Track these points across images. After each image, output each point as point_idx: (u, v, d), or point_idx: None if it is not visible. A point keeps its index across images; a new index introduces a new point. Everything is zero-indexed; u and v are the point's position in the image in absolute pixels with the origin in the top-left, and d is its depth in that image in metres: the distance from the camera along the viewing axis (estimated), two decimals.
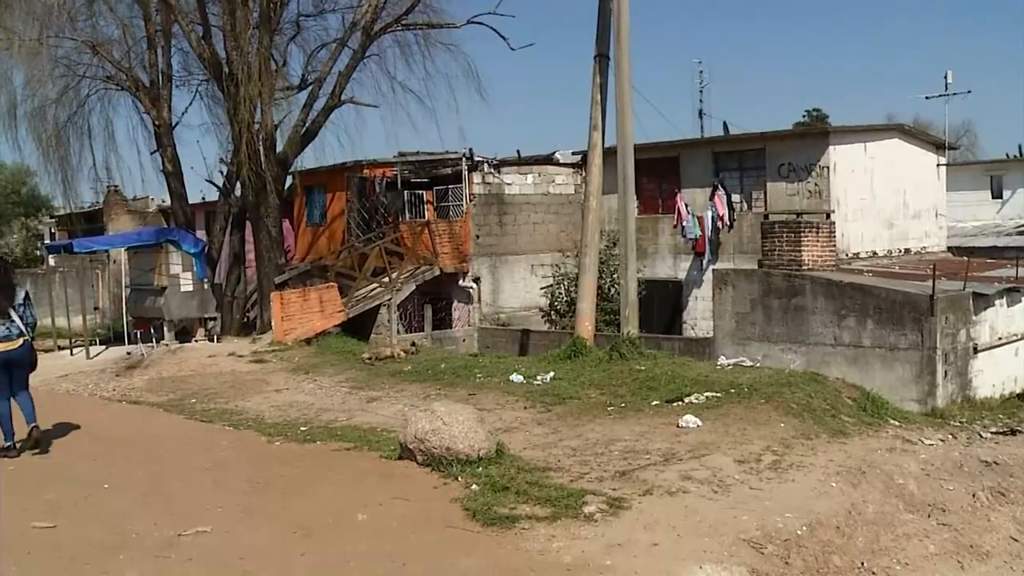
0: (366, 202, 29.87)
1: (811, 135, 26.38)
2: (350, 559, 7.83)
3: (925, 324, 16.27)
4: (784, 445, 11.76)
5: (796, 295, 17.58)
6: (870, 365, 16.78)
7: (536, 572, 7.52)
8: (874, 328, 16.77)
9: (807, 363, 17.21)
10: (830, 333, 17.17)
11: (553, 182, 29.62)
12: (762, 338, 17.97)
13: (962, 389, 17.17)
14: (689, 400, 14.07)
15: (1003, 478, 12.01)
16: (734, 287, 18.45)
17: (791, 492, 10.01)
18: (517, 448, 11.57)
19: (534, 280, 28.16)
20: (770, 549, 8.46)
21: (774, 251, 18.50)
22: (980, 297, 17.79)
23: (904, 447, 12.71)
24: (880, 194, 25.01)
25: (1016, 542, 10.40)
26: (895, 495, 10.64)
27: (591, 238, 19.82)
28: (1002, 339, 18.60)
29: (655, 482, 9.99)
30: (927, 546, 9.67)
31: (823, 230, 19.07)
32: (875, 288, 17.14)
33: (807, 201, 23.13)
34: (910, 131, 28.58)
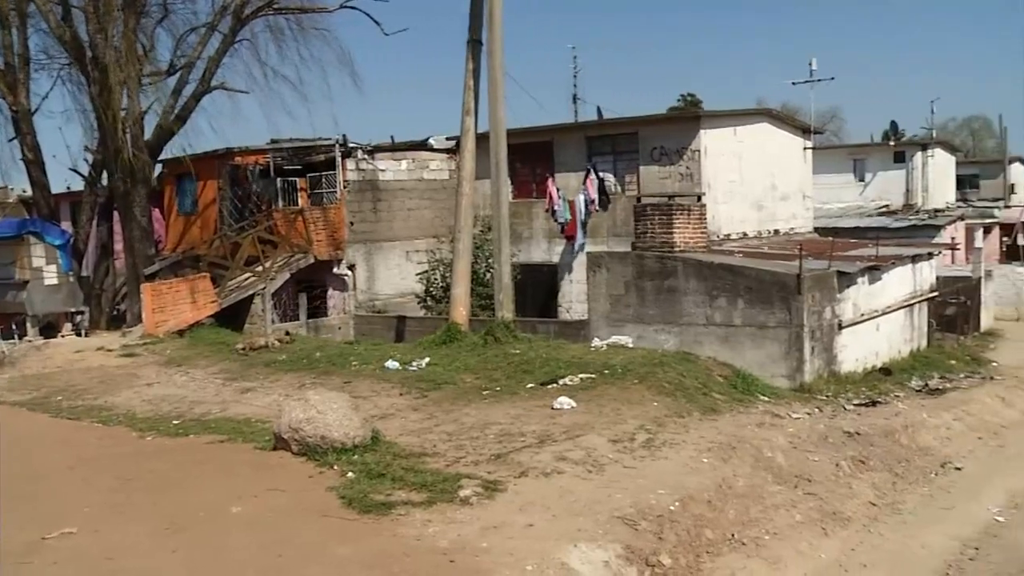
0: (239, 190, 29.29)
1: (682, 119, 26.80)
2: (224, 553, 7.72)
3: (793, 303, 16.68)
4: (657, 424, 11.99)
5: (669, 277, 17.85)
6: (741, 344, 17.15)
7: (412, 557, 7.54)
8: (744, 307, 17.13)
9: (680, 343, 17.51)
10: (702, 313, 17.48)
11: (427, 168, 29.52)
12: (636, 319, 18.20)
13: (828, 364, 17.69)
14: (564, 382, 14.22)
15: (864, 447, 12.51)
16: (608, 270, 18.63)
17: (664, 469, 10.23)
18: (393, 435, 11.55)
19: (409, 266, 28.02)
20: (644, 525, 8.64)
21: (647, 233, 18.72)
22: (844, 276, 18.33)
23: (773, 422, 13.10)
24: (749, 177, 25.52)
25: (874, 506, 10.86)
26: (764, 468, 10.97)
27: (464, 223, 19.84)
28: (864, 315, 19.22)
29: (530, 464, 10.08)
30: (794, 515, 10.02)
31: (694, 212, 19.36)
32: (745, 269, 17.50)
33: (679, 184, 23.45)
34: (778, 116, 29.22)
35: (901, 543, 9.74)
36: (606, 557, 7.93)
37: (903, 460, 12.81)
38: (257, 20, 26.71)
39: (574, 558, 7.75)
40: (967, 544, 9.70)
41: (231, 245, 26.74)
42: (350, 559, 7.53)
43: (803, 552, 9.24)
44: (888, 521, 10.47)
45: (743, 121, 25.62)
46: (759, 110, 29.23)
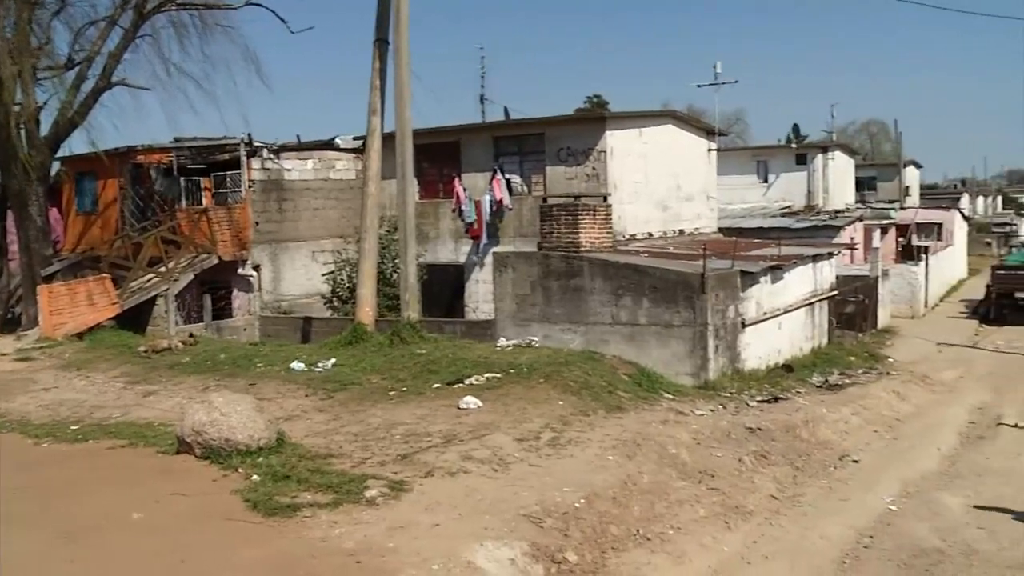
0: (141, 189, 28.72)
1: (589, 121, 26.97)
2: (124, 561, 7.56)
3: (697, 302, 16.92)
4: (563, 422, 12.08)
5: (575, 276, 17.98)
6: (646, 342, 17.34)
7: (318, 559, 7.49)
8: (650, 307, 17.33)
9: (586, 342, 17.66)
10: (608, 312, 17.64)
11: (334, 168, 29.29)
12: (542, 319, 18.30)
13: (732, 362, 17.99)
14: (470, 382, 14.25)
15: (766, 442, 12.78)
16: (514, 269, 18.70)
17: (569, 467, 10.32)
18: (299, 436, 11.45)
19: (316, 267, 27.75)
20: (549, 523, 8.70)
21: (553, 233, 18.83)
22: (747, 275, 18.65)
23: (677, 419, 13.29)
24: (655, 178, 25.82)
25: (776, 500, 11.09)
26: (668, 464, 11.13)
27: (370, 223, 19.74)
28: (767, 314, 19.60)
29: (436, 464, 10.08)
30: (698, 510, 10.18)
31: (600, 212, 19.52)
32: (650, 268, 17.70)
33: (585, 185, 23.62)
34: (683, 117, 29.61)
35: (801, 534, 9.96)
36: (512, 555, 7.97)
37: (803, 454, 13.11)
38: (159, 15, 26.05)
39: (480, 557, 7.78)
40: (863, 533, 9.98)
41: (133, 245, 26.20)
42: (255, 563, 7.45)
43: (707, 546, 9.39)
44: (789, 513, 10.70)
45: (649, 122, 25.91)
46: (664, 112, 29.57)
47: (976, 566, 8.88)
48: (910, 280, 35.22)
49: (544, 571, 8.00)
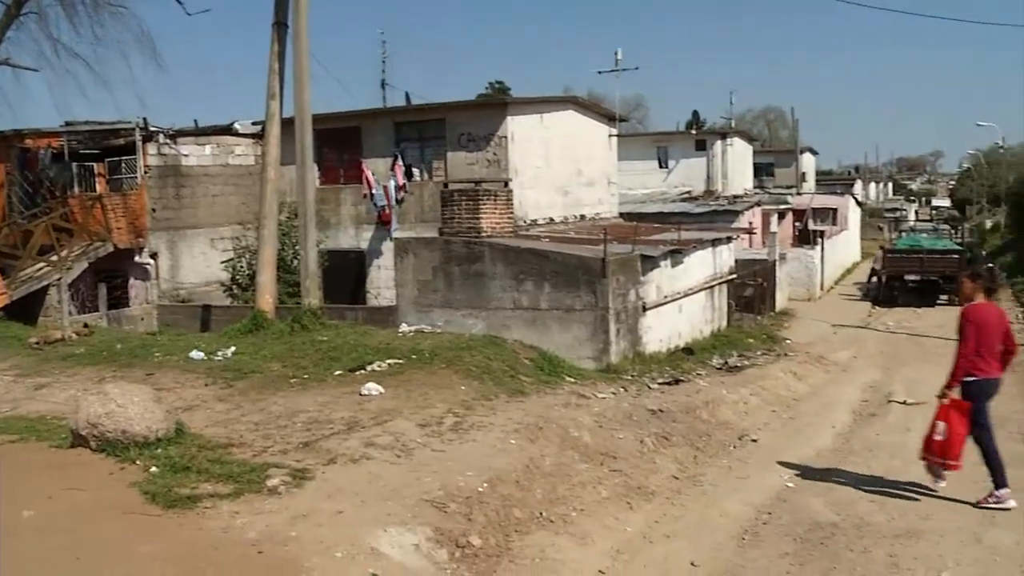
0: (29, 175, 27.87)
1: (490, 106, 27.00)
2: (14, 560, 7.32)
3: (598, 286, 17.07)
4: (465, 407, 12.09)
5: (476, 262, 17.99)
6: (548, 327, 17.44)
7: (220, 550, 7.37)
8: (551, 291, 17.42)
9: (488, 327, 17.69)
10: (510, 297, 17.70)
11: (233, 153, 28.82)
12: (444, 304, 18.28)
13: (633, 345, 18.20)
14: (372, 368, 14.16)
15: (667, 424, 12.95)
16: (415, 255, 18.64)
17: (472, 452, 10.32)
18: (199, 426, 11.24)
19: (215, 254, 27.30)
20: (453, 507, 8.69)
21: (454, 219, 18.82)
22: (647, 259, 18.87)
23: (579, 402, 13.38)
24: (556, 163, 25.96)
25: (677, 480, 11.26)
26: (571, 447, 11.20)
27: (270, 209, 19.48)
28: (667, 297, 19.87)
29: (339, 451, 10.00)
30: (600, 492, 10.26)
31: (501, 198, 19.57)
32: (551, 253, 17.80)
33: (486, 170, 23.64)
34: (584, 103, 29.81)
35: (702, 513, 10.11)
36: (416, 540, 7.94)
37: (704, 435, 13.32)
38: None
39: (384, 543, 7.74)
40: (761, 510, 10.17)
41: (22, 233, 25.41)
42: (154, 556, 7.29)
43: (609, 526, 9.47)
44: (690, 493, 10.86)
45: (550, 108, 26.03)
46: (565, 98, 29.74)
47: (867, 537, 9.13)
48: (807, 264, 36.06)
49: (448, 555, 7.99)
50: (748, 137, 50.81)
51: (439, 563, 7.83)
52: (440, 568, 7.78)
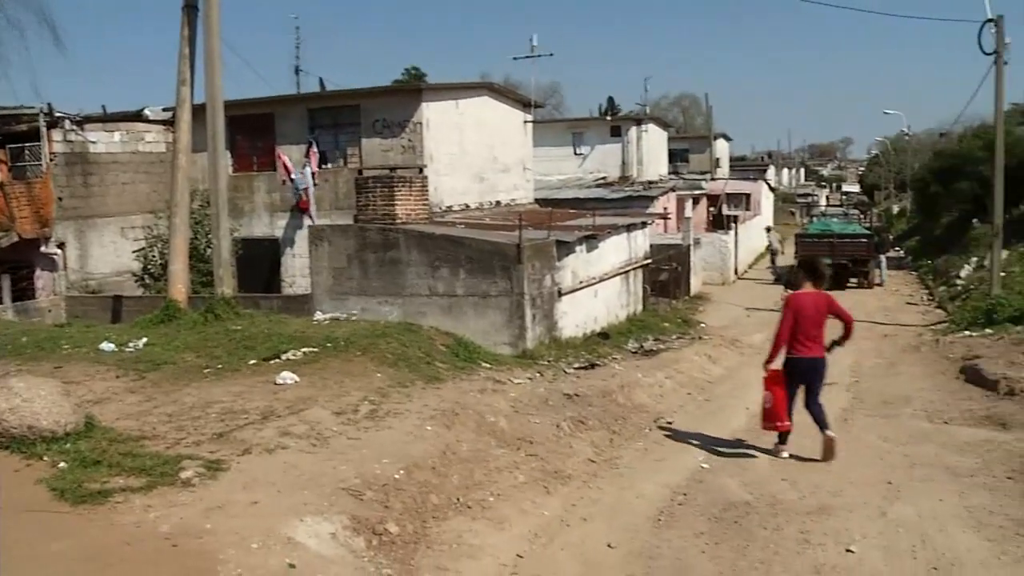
0: None
1: (405, 92, 26.86)
2: None
3: (513, 272, 17.12)
4: (381, 394, 12.04)
5: (391, 249, 17.90)
6: (464, 313, 17.45)
7: (132, 545, 7.24)
8: (467, 277, 17.43)
9: (404, 314, 17.64)
10: (425, 284, 17.66)
11: (143, 140, 28.26)
12: (360, 292, 18.16)
13: (549, 330, 18.30)
14: (287, 357, 14.03)
15: (583, 408, 13.05)
16: (330, 243, 18.48)
17: (388, 439, 10.29)
18: (109, 420, 11.00)
19: (126, 244, 26.78)
20: (369, 495, 8.67)
21: (369, 206, 18.70)
22: (563, 245, 18.98)
23: (495, 387, 13.42)
24: (471, 149, 25.96)
25: (593, 463, 11.36)
26: (487, 432, 11.23)
27: (181, 197, 19.15)
28: (583, 282, 20.01)
29: (254, 441, 9.89)
30: (517, 476, 10.31)
31: (416, 184, 19.50)
32: (466, 239, 17.80)
33: (401, 156, 23.56)
34: (499, 89, 29.84)
35: (618, 495, 10.21)
36: (333, 529, 7.90)
37: (620, 418, 13.45)
38: None
39: (300, 532, 7.68)
40: (676, 491, 10.31)
41: None
42: (64, 555, 7.12)
43: (526, 511, 9.52)
44: (606, 476, 10.96)
45: (465, 94, 26.01)
46: (480, 84, 29.71)
47: (780, 515, 9.32)
48: (721, 248, 36.60)
49: (365, 543, 7.96)
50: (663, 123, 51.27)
51: (356, 551, 7.80)
52: (357, 556, 7.75)
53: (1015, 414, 13.35)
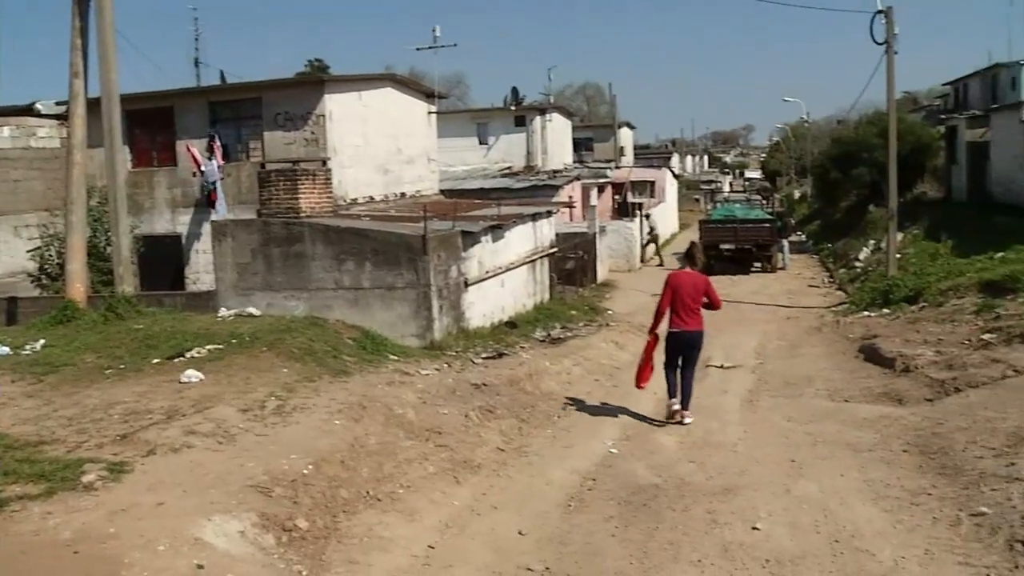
0: None
1: (307, 84, 26.56)
2: None
3: (419, 263, 17.07)
4: (287, 390, 11.91)
5: (296, 243, 17.69)
6: (371, 306, 17.34)
7: (30, 554, 7.04)
8: (373, 270, 17.32)
9: (311, 308, 17.46)
10: (331, 278, 17.50)
11: (35, 135, 27.40)
12: (265, 287, 17.93)
13: (456, 321, 18.30)
14: (191, 355, 13.78)
15: (491, 397, 13.10)
16: (234, 238, 18.19)
17: (296, 434, 10.20)
18: (5, 425, 10.70)
19: (20, 243, 25.97)
20: (278, 492, 8.59)
21: (272, 200, 18.44)
22: (468, 235, 18.99)
23: (403, 379, 13.39)
24: (375, 141, 25.79)
25: (503, 452, 11.41)
26: (396, 425, 11.20)
27: (77, 194, 18.65)
28: (489, 272, 20.04)
29: (158, 441, 9.71)
30: (427, 467, 10.31)
31: (320, 177, 19.29)
32: (372, 232, 17.69)
33: (305, 149, 23.32)
34: (403, 81, 29.66)
35: (528, 483, 10.28)
36: (241, 527, 7.81)
37: (528, 406, 13.54)
38: None
39: (208, 532, 7.57)
40: (586, 477, 10.42)
41: None
42: None
43: (437, 501, 9.53)
44: (516, 464, 11.03)
45: (368, 86, 25.84)
46: (384, 75, 29.49)
47: (687, 496, 9.48)
48: (626, 236, 36.98)
49: (275, 540, 7.88)
50: (567, 112, 51.55)
51: (266, 548, 7.73)
52: (267, 553, 7.67)
53: (910, 390, 13.77)
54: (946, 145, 42.20)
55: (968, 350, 15.08)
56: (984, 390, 12.52)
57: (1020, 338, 14.78)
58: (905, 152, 33.60)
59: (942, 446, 10.39)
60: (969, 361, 14.22)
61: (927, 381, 13.95)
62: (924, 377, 14.21)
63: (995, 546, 7.58)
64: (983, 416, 11.14)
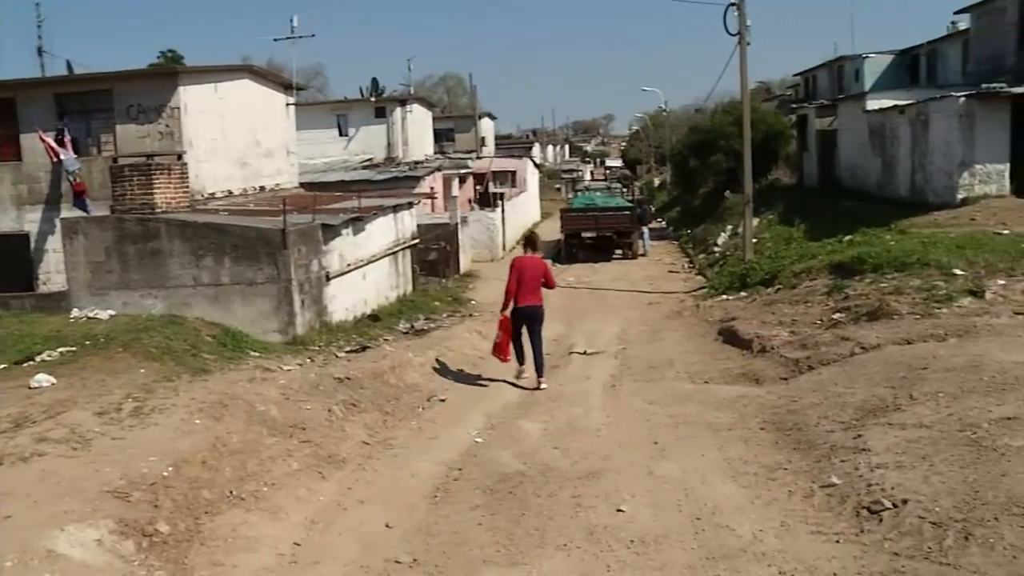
0: None
1: (160, 76, 25.81)
2: None
3: (280, 257, 16.83)
4: (145, 390, 11.61)
5: (152, 239, 17.22)
6: (231, 302, 17.02)
7: None
8: (232, 266, 17.00)
9: (169, 307, 17.03)
10: (190, 274, 17.10)
11: None
12: (120, 286, 17.40)
13: (319, 316, 18.10)
14: (42, 358, 13.33)
15: (355, 391, 13.02)
16: (86, 236, 17.60)
17: (155, 436, 9.95)
18: None
19: None
20: (137, 496, 8.37)
21: (126, 195, 17.92)
22: (329, 228, 18.79)
23: (265, 376, 13.20)
24: (233, 134, 25.26)
25: (368, 445, 11.37)
26: (258, 422, 11.03)
27: None
28: (351, 265, 19.87)
29: (6, 450, 9.34)
30: (291, 464, 10.19)
31: (176, 172, 18.84)
32: (230, 226, 17.35)
33: (159, 143, 22.69)
34: (260, 72, 29.10)
35: (393, 476, 10.25)
36: (98, 535, 7.58)
37: (392, 399, 13.50)
38: None
39: (62, 543, 7.32)
40: (452, 467, 10.44)
41: None
42: None
43: (302, 498, 9.43)
44: (381, 457, 10.99)
45: (224, 77, 25.29)
46: (240, 66, 28.92)
47: (552, 482, 9.57)
48: (488, 226, 37.11)
49: (135, 546, 7.67)
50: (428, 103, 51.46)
51: (125, 556, 7.51)
52: (126, 561, 7.46)
53: (766, 370, 14.19)
54: (797, 133, 43.55)
55: (820, 330, 15.59)
56: (835, 367, 12.96)
57: (867, 316, 15.36)
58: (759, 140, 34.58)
59: (796, 422, 10.74)
60: (821, 340, 14.70)
61: (782, 361, 14.38)
62: (780, 357, 14.64)
63: (844, 514, 7.89)
64: (834, 392, 11.54)
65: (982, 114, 25.12)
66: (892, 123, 30.34)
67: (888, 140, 30.73)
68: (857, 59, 46.50)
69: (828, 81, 51.32)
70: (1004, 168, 25.16)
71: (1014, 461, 7.89)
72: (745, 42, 25.78)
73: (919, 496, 7.63)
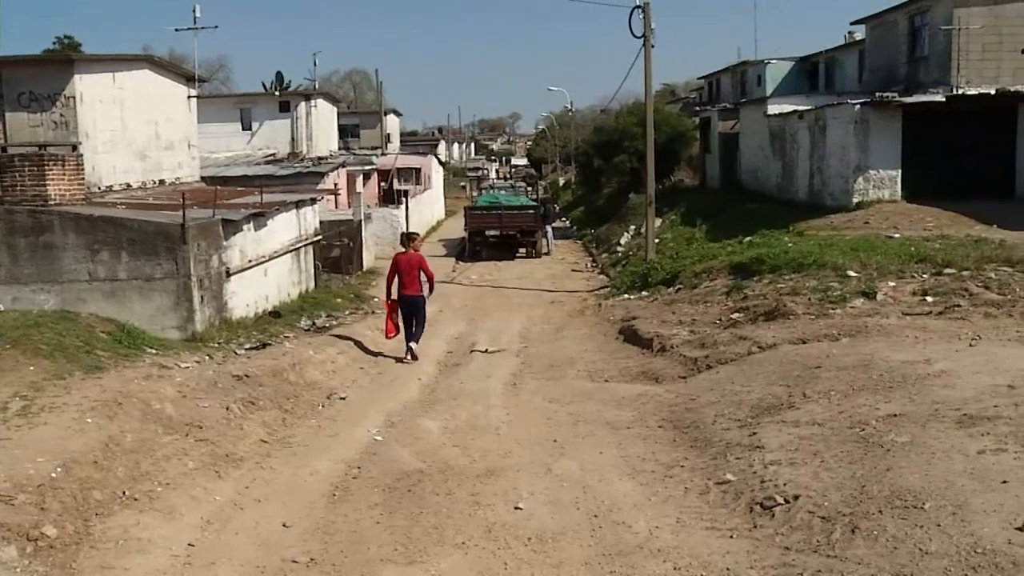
0: None
1: (54, 62, 25.12)
2: None
3: (179, 252, 16.49)
4: (35, 389, 11.28)
5: (44, 232, 16.71)
6: (128, 298, 16.62)
7: None
8: (129, 261, 16.60)
9: (63, 302, 16.54)
10: (84, 269, 16.65)
11: None
12: (10, 280, 16.83)
13: (219, 312, 17.80)
14: None
15: (253, 388, 12.86)
16: None
17: (44, 436, 9.68)
18: None
19: None
20: (22, 499, 8.13)
21: (17, 187, 17.35)
22: (230, 224, 18.48)
23: (161, 373, 12.95)
24: (132, 125, 24.69)
25: (266, 443, 11.24)
26: (153, 420, 10.83)
27: None
28: (252, 261, 19.58)
29: None
30: (187, 463, 10.02)
31: (70, 163, 18.31)
32: (128, 220, 16.95)
33: (53, 133, 22.09)
34: (160, 63, 28.47)
35: (292, 474, 10.15)
36: None
37: (292, 396, 13.37)
38: None
39: None
40: (351, 465, 10.39)
41: None
42: None
43: (198, 497, 9.28)
44: (280, 455, 10.87)
45: (124, 67, 24.71)
46: (140, 56, 28.27)
47: (451, 480, 9.60)
48: (392, 223, 36.97)
49: (18, 552, 7.44)
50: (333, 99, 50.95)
51: (7, 562, 7.28)
52: (8, 567, 7.23)
53: (665, 368, 14.41)
54: (701, 135, 44.31)
55: (719, 329, 15.87)
56: (732, 366, 13.22)
57: (764, 316, 15.69)
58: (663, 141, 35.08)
59: (694, 420, 10.93)
60: (720, 339, 14.97)
61: (681, 359, 14.62)
62: (679, 356, 14.88)
63: (738, 510, 8.07)
64: (731, 390, 11.78)
65: (876, 121, 25.87)
66: (792, 128, 31.04)
67: (788, 144, 31.43)
68: (759, 64, 47.46)
69: (731, 85, 52.32)
70: (896, 174, 25.96)
71: (898, 456, 8.14)
72: (650, 45, 26.11)
73: (810, 492, 7.83)
